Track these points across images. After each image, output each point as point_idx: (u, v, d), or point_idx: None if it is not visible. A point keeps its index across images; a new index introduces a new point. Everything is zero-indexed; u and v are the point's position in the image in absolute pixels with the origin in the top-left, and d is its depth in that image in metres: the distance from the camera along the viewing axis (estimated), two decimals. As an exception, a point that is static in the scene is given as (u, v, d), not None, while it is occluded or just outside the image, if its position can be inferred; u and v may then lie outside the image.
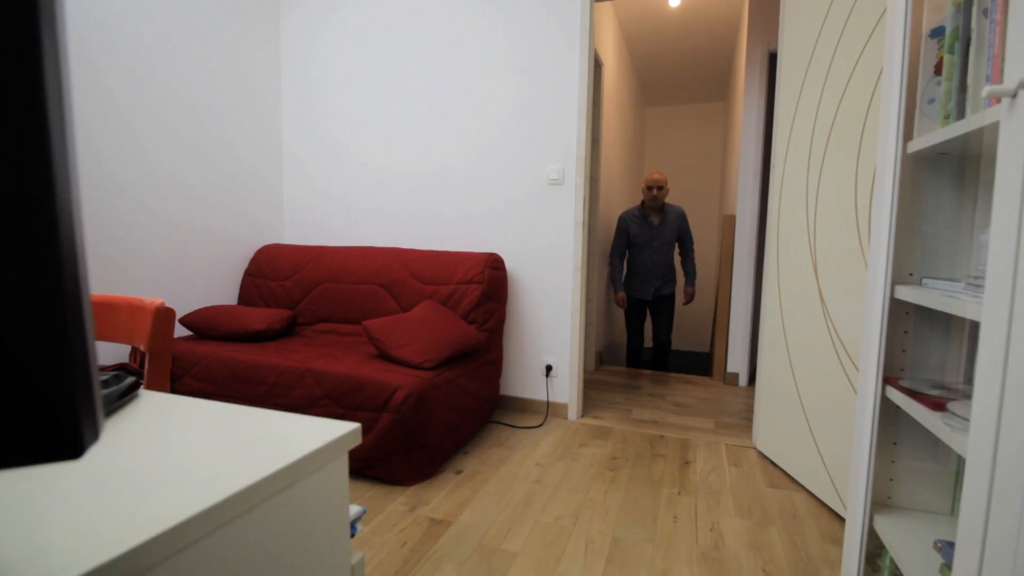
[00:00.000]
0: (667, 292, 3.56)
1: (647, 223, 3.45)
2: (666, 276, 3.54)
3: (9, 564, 0.32)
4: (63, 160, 0.23)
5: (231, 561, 0.41)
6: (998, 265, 0.68)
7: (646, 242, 3.47)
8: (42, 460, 0.25)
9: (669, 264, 3.53)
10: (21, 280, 0.23)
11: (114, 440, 0.51)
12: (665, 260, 3.49)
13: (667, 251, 3.49)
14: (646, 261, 3.50)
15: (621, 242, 3.53)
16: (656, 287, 3.51)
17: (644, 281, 3.53)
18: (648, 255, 3.48)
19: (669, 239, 3.48)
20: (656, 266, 3.49)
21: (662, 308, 3.58)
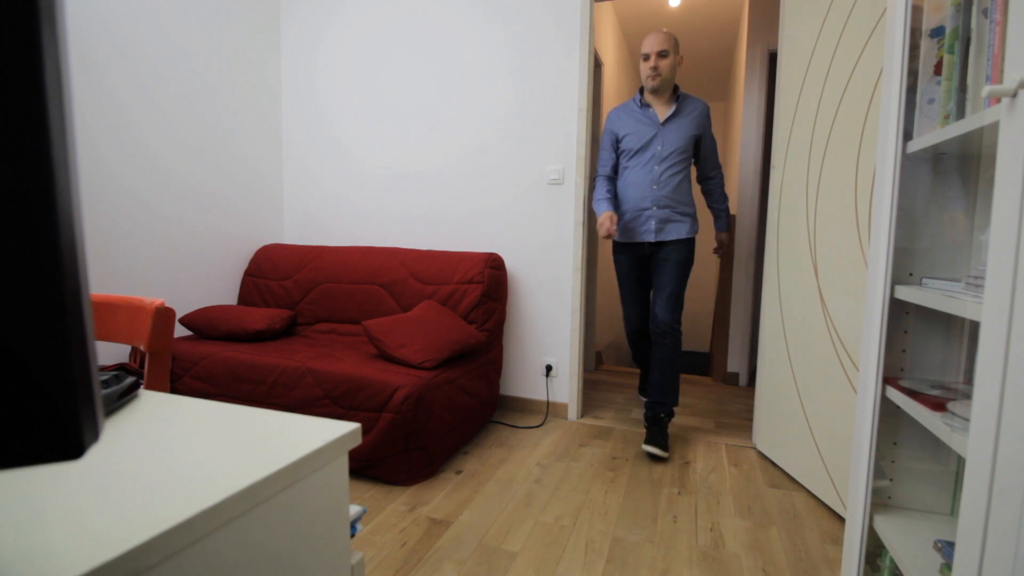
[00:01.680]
0: (677, 237, 2.24)
1: (646, 117, 2.24)
2: (676, 207, 2.24)
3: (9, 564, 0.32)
4: (63, 160, 0.23)
5: (231, 561, 0.41)
6: (998, 265, 0.68)
7: (644, 146, 2.23)
8: (42, 460, 0.25)
9: (682, 187, 2.25)
10: (21, 280, 0.23)
11: (114, 440, 0.51)
12: (675, 180, 2.22)
13: (679, 165, 2.22)
14: (644, 181, 2.23)
15: (608, 155, 2.33)
16: (659, 225, 2.24)
17: (640, 215, 2.25)
18: (647, 171, 2.23)
19: (682, 146, 2.21)
20: (660, 189, 2.22)
21: (667, 263, 2.24)
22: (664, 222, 2.25)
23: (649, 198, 2.24)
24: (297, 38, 2.99)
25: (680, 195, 2.24)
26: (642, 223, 2.27)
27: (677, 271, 2.25)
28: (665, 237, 2.26)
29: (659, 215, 2.24)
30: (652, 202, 2.23)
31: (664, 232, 2.26)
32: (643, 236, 2.28)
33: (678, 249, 2.26)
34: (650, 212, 2.24)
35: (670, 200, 2.23)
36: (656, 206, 2.23)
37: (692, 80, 5.76)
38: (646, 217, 2.25)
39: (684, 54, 5.04)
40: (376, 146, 2.87)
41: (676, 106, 2.23)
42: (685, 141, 2.21)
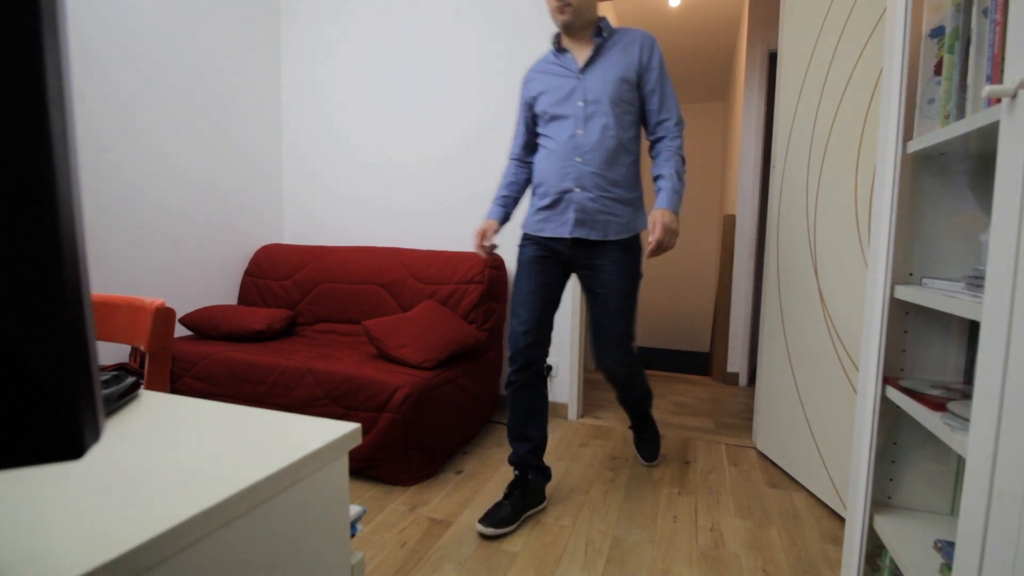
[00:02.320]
0: (609, 236, 1.60)
1: (563, 67, 1.61)
2: (610, 191, 1.58)
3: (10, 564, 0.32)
4: (64, 159, 0.23)
5: (231, 561, 0.41)
6: (998, 265, 0.68)
7: (561, 106, 1.59)
8: (43, 460, 0.25)
9: (619, 160, 1.58)
10: (22, 280, 0.23)
11: (115, 440, 0.51)
12: (607, 149, 1.56)
13: (613, 127, 1.55)
14: (563, 152, 1.58)
15: (519, 131, 1.75)
16: (581, 216, 1.58)
17: (556, 201, 1.61)
18: (567, 139, 1.58)
19: (611, 96, 1.55)
20: (585, 163, 1.56)
21: (601, 286, 1.64)
22: (590, 213, 1.56)
23: (570, 175, 1.56)
24: (298, 37, 2.99)
25: (617, 172, 1.56)
26: (558, 212, 1.59)
27: (618, 298, 1.58)
28: (590, 235, 1.56)
29: (582, 201, 1.55)
30: (573, 181, 1.56)
31: (589, 227, 1.56)
32: (556, 230, 1.59)
33: (613, 258, 1.58)
34: (570, 196, 1.57)
35: (600, 179, 1.54)
36: (579, 187, 1.55)
37: (692, 80, 5.76)
38: (564, 204, 1.58)
39: (684, 54, 5.04)
40: (376, 144, 2.87)
41: (598, 44, 1.57)
42: (614, 89, 1.53)
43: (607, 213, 1.58)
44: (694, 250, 6.67)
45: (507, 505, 1.61)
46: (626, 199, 1.61)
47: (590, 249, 1.61)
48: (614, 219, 1.59)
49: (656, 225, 1.48)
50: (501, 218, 1.73)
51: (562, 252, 1.64)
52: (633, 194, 1.63)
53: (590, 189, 1.57)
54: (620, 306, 1.64)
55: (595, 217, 1.58)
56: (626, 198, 1.61)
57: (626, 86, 1.56)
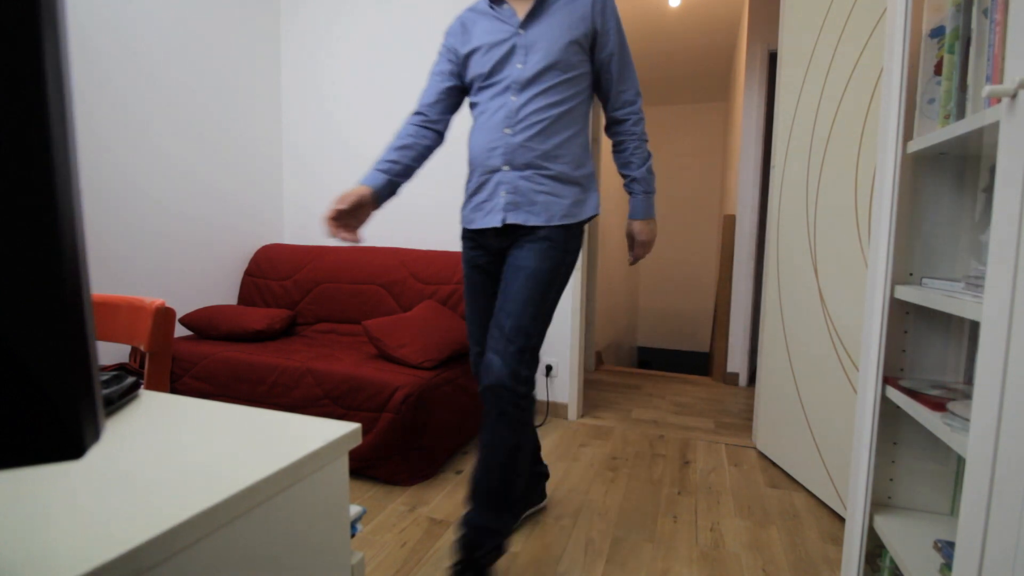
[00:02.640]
0: (541, 221, 1.31)
1: (500, 19, 1.35)
2: (547, 167, 1.32)
3: (10, 564, 0.32)
4: (64, 160, 0.23)
5: (231, 561, 0.41)
6: (998, 265, 0.68)
7: (496, 66, 1.33)
8: (43, 460, 0.25)
9: (559, 132, 1.33)
10: (22, 280, 0.23)
11: (115, 440, 0.51)
12: (546, 120, 1.31)
13: (555, 93, 1.31)
14: (494, 122, 1.34)
15: (431, 82, 1.43)
16: (512, 198, 1.32)
17: (485, 182, 1.36)
18: (500, 106, 1.33)
19: (556, 59, 1.30)
20: (517, 134, 1.31)
21: (518, 270, 1.31)
22: (525, 193, 1.29)
23: (498, 151, 1.29)
24: (298, 37, 2.99)
25: (556, 146, 1.29)
26: (487, 197, 1.33)
27: (528, 281, 1.27)
28: (528, 219, 1.29)
29: (513, 181, 1.29)
30: (502, 157, 1.29)
31: (526, 210, 1.29)
32: (486, 219, 1.33)
33: (541, 243, 1.29)
34: (499, 177, 1.30)
35: (534, 154, 1.28)
36: (509, 165, 1.29)
37: (692, 80, 5.76)
38: (493, 186, 1.31)
39: (684, 54, 5.04)
40: (376, 144, 2.87)
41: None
42: (560, 50, 1.27)
43: (546, 193, 1.30)
44: (694, 250, 6.67)
45: None
46: (569, 178, 1.32)
47: (519, 237, 1.32)
48: (556, 200, 1.30)
49: (635, 241, 1.43)
50: (379, 186, 1.30)
51: (498, 248, 1.37)
52: (579, 172, 1.34)
53: (521, 167, 1.29)
54: (527, 292, 1.26)
55: (531, 198, 1.30)
56: (569, 176, 1.32)
57: (574, 48, 1.30)
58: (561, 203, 1.32)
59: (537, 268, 1.28)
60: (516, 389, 1.25)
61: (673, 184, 6.70)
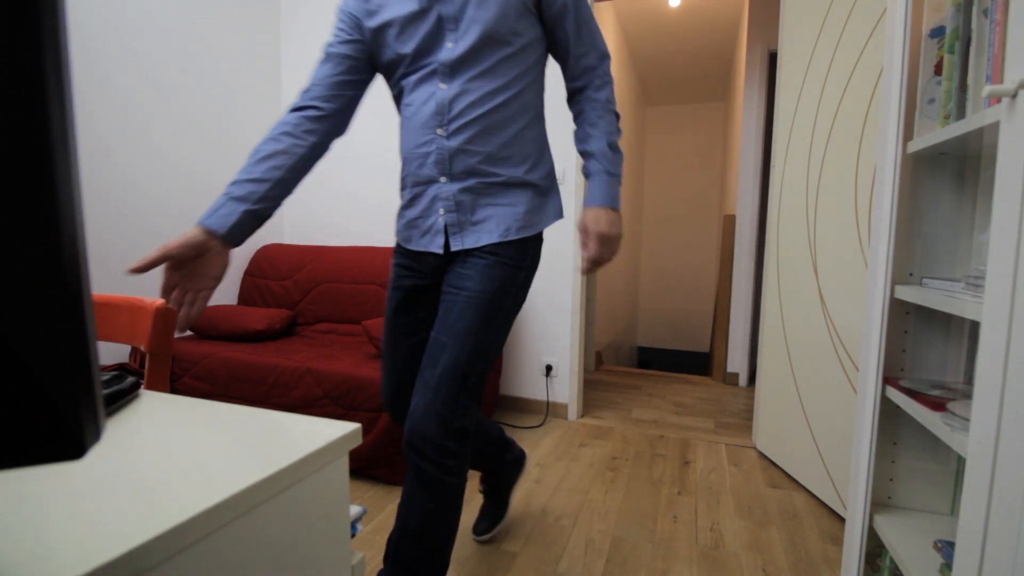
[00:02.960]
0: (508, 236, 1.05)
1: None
2: (495, 173, 1.04)
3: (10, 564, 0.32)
4: (64, 159, 0.23)
5: (231, 562, 0.41)
6: (998, 265, 0.68)
7: (422, 46, 1.01)
8: (44, 460, 0.25)
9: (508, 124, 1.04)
10: (23, 280, 0.23)
11: (115, 440, 0.51)
12: (487, 110, 1.01)
13: (497, 76, 1.01)
14: (422, 119, 1.03)
15: (330, 68, 1.06)
16: (455, 218, 1.05)
17: (419, 196, 1.09)
18: (428, 98, 1.02)
19: (498, 28, 0.98)
20: (453, 136, 1.02)
21: (458, 293, 1.04)
22: (467, 211, 1.05)
23: (431, 157, 1.03)
24: (298, 37, 2.99)
25: (504, 144, 1.04)
26: (421, 214, 1.08)
27: (472, 313, 1.02)
28: (479, 241, 1.05)
29: (452, 195, 1.04)
30: (436, 165, 1.03)
31: (473, 231, 1.05)
32: (422, 242, 1.09)
33: (488, 259, 1.04)
34: (435, 190, 1.05)
35: (479, 158, 1.03)
36: (447, 175, 1.03)
37: (692, 80, 5.76)
38: (428, 202, 1.07)
39: (684, 54, 5.04)
40: (376, 144, 2.87)
41: None
42: (496, 16, 0.98)
43: (496, 205, 1.05)
44: (694, 250, 6.67)
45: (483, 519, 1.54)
46: (523, 181, 1.06)
47: (465, 258, 1.06)
48: (508, 211, 1.05)
49: (589, 235, 1.00)
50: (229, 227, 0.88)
51: (437, 267, 1.12)
52: (535, 174, 1.08)
53: (461, 176, 1.03)
54: (467, 320, 1.01)
55: (478, 214, 1.04)
56: (523, 180, 1.06)
57: (515, 12, 0.99)
58: (514, 213, 1.06)
59: (482, 290, 1.02)
60: (443, 444, 0.98)
61: (673, 184, 6.70)
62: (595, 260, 1.02)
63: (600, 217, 1.02)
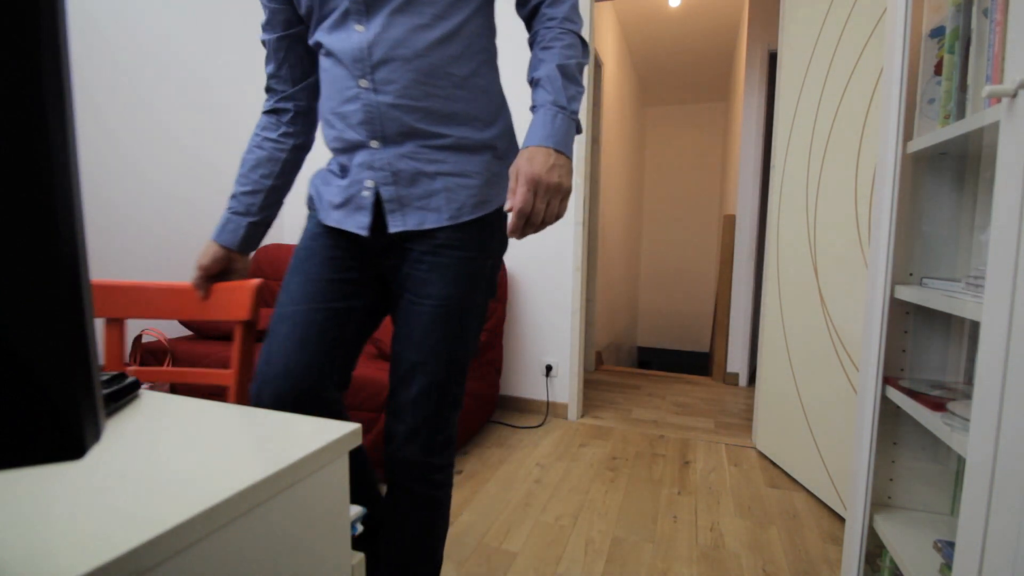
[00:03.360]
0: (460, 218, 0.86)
1: None
2: (436, 135, 0.84)
3: (9, 564, 0.32)
4: (63, 158, 0.23)
5: (231, 562, 0.41)
6: (998, 265, 0.68)
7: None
8: (43, 460, 0.25)
9: (442, 64, 0.83)
10: (22, 280, 0.23)
11: (115, 440, 0.51)
12: (414, 48, 0.81)
13: (422, 7, 0.80)
14: (339, 71, 0.84)
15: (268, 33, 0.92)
16: (391, 193, 0.85)
17: (346, 168, 0.89)
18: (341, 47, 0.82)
19: None
20: (379, 87, 0.81)
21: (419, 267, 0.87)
22: (407, 181, 0.86)
23: (356, 116, 0.85)
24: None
25: (448, 96, 0.85)
26: (349, 187, 0.89)
27: (441, 325, 0.88)
28: (423, 222, 0.87)
29: (387, 162, 0.86)
30: (367, 128, 0.85)
31: (416, 210, 0.87)
32: (349, 220, 0.89)
33: (446, 257, 0.88)
34: (364, 157, 0.86)
35: (418, 115, 0.84)
36: (379, 138, 0.85)
37: (692, 80, 5.76)
38: (356, 172, 0.88)
39: (684, 54, 5.04)
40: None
41: None
42: None
43: (446, 175, 0.86)
44: (694, 250, 6.67)
45: None
46: (477, 143, 0.87)
47: (416, 240, 0.88)
48: (461, 183, 0.86)
49: (519, 178, 0.75)
50: (236, 242, 0.96)
51: (369, 246, 0.91)
52: (490, 131, 0.89)
53: (397, 139, 0.84)
54: (438, 335, 0.87)
55: (423, 187, 0.85)
56: (476, 141, 0.87)
57: None
58: (469, 186, 0.87)
59: (447, 297, 0.87)
60: (428, 462, 0.91)
61: (673, 184, 6.70)
62: (522, 211, 0.74)
63: (535, 156, 0.76)
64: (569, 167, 0.80)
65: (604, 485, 1.92)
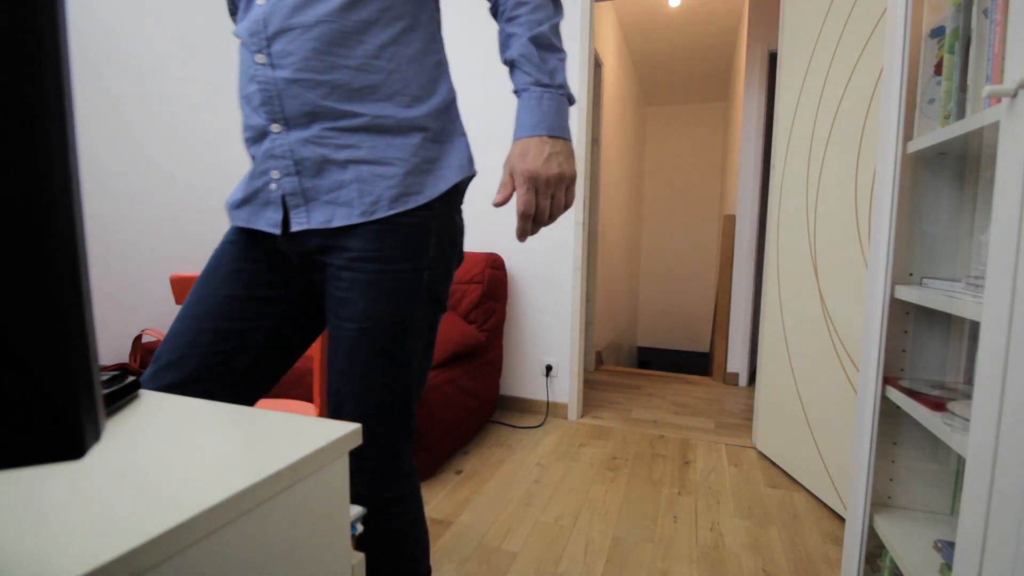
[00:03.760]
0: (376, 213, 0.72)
1: None
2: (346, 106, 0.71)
3: (9, 564, 0.32)
4: (63, 158, 0.23)
5: (231, 562, 0.41)
6: (998, 265, 0.68)
7: None
8: (43, 460, 0.25)
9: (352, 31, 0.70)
10: (22, 280, 0.23)
11: (114, 440, 0.51)
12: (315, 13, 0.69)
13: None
14: (245, 54, 0.73)
15: None
16: (296, 186, 0.73)
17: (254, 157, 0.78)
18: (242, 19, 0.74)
19: None
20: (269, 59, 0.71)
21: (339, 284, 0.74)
22: (311, 170, 0.73)
23: (258, 97, 0.73)
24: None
25: (361, 66, 0.72)
26: (254, 181, 0.78)
27: (370, 351, 0.74)
28: (331, 219, 0.73)
29: (291, 148, 0.73)
30: (267, 109, 0.73)
31: (319, 205, 0.74)
32: (261, 221, 0.77)
33: (366, 266, 0.73)
34: (269, 144, 0.74)
35: (323, 91, 0.71)
36: (280, 121, 0.73)
37: (692, 80, 5.76)
38: (261, 162, 0.76)
39: (684, 54, 5.04)
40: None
41: None
42: None
43: (358, 162, 0.73)
44: (694, 250, 6.67)
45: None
46: (399, 124, 0.74)
47: (330, 252, 0.76)
48: (378, 171, 0.74)
49: (516, 178, 0.70)
50: None
51: (294, 254, 0.80)
52: (419, 108, 0.76)
53: (301, 121, 0.72)
54: (367, 363, 0.74)
55: (326, 178, 0.74)
56: (398, 122, 0.74)
57: None
58: (388, 175, 0.73)
59: (371, 317, 0.73)
60: (380, 497, 0.79)
61: (673, 184, 6.70)
62: (526, 213, 0.70)
63: (528, 150, 0.69)
64: (568, 150, 0.73)
65: (604, 485, 1.92)
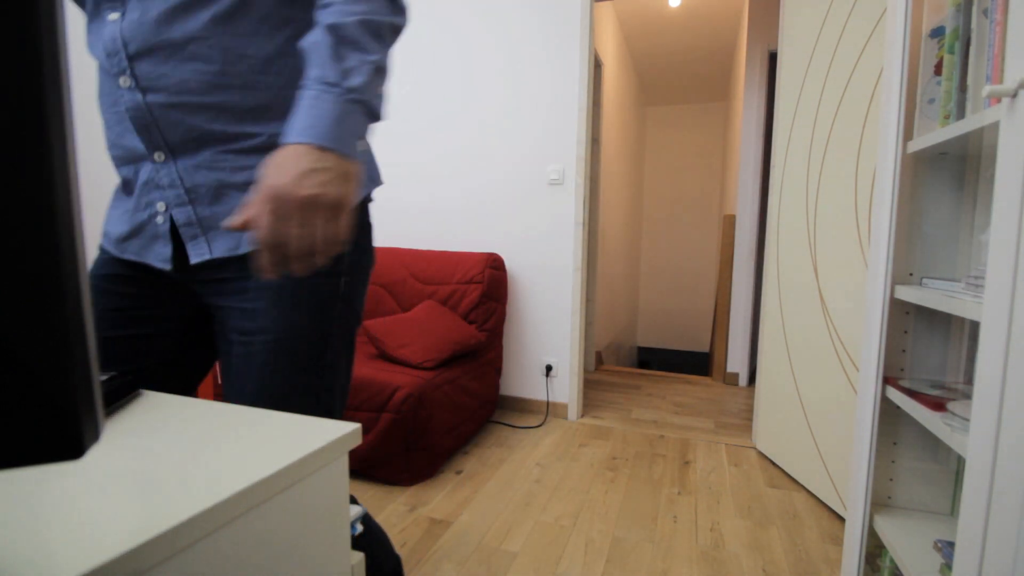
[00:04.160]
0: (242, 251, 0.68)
1: None
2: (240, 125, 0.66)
3: (8, 564, 0.32)
4: (63, 157, 0.23)
5: (230, 562, 0.41)
6: (998, 265, 0.68)
7: None
8: (43, 460, 0.25)
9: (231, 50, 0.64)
10: (21, 279, 0.23)
11: (114, 440, 0.51)
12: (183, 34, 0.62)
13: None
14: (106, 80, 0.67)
15: None
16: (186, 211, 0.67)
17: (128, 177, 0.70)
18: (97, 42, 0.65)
19: None
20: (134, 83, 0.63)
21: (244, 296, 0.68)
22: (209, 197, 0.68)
23: (127, 124, 0.66)
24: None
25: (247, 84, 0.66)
26: (138, 214, 0.70)
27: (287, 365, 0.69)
28: (225, 248, 0.69)
29: (183, 176, 0.67)
30: (142, 135, 0.66)
31: (219, 235, 0.69)
32: (151, 256, 0.70)
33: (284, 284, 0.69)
34: (151, 172, 0.68)
35: (208, 115, 0.65)
36: (161, 149, 0.66)
37: (692, 80, 5.76)
38: (142, 186, 0.69)
39: (684, 54, 5.04)
40: (375, 145, 2.87)
41: None
42: None
43: (237, 189, 0.69)
44: (694, 250, 6.67)
45: None
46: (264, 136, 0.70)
47: (232, 266, 0.71)
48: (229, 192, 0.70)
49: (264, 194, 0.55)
50: None
51: (173, 280, 0.74)
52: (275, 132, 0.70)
53: (188, 148, 0.67)
54: (278, 381, 0.69)
55: (223, 204, 0.69)
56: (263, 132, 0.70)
57: None
58: None
59: (291, 327, 0.69)
60: None
61: (673, 184, 6.70)
62: (265, 242, 0.55)
63: (285, 160, 0.56)
64: (342, 170, 0.57)
65: (604, 485, 1.92)
